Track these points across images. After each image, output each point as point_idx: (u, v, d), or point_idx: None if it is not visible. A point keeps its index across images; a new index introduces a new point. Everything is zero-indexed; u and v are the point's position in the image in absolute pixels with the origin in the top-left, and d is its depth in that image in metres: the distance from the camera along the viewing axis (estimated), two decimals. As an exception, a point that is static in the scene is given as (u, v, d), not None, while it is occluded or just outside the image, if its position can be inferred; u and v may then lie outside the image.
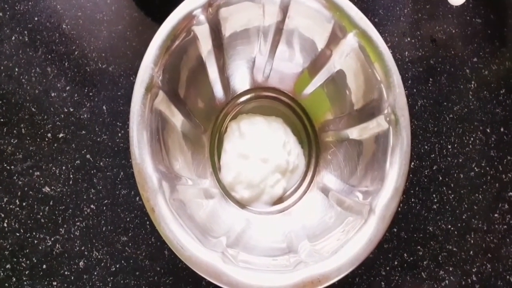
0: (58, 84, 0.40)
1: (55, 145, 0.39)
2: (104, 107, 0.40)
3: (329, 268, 0.28)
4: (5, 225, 0.38)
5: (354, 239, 0.29)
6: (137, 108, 0.30)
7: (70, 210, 0.38)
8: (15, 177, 0.38)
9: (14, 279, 0.37)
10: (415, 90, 0.42)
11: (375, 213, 0.30)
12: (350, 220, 0.32)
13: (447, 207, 0.40)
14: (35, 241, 0.37)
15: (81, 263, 0.37)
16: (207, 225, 0.33)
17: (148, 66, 0.31)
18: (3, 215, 0.38)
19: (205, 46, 0.34)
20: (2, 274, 0.37)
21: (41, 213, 0.38)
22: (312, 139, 0.40)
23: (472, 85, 0.43)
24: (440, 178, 0.41)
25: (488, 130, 0.42)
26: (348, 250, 0.29)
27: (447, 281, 0.40)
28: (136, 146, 0.29)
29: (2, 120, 0.39)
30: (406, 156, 0.32)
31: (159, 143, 0.31)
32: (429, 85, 0.42)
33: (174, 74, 0.33)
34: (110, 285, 0.37)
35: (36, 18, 0.41)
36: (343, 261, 0.29)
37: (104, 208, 0.38)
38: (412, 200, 0.40)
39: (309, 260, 0.29)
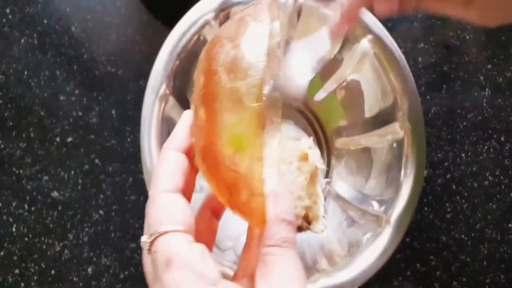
0: (67, 87, 0.40)
1: (64, 149, 0.39)
2: (113, 112, 0.39)
3: (344, 279, 0.28)
4: (14, 229, 0.37)
5: (368, 250, 0.29)
6: (148, 115, 0.30)
7: (79, 216, 0.38)
8: (23, 181, 0.38)
9: (23, 284, 0.37)
10: (428, 97, 0.41)
11: (390, 223, 0.30)
12: (364, 230, 0.31)
13: (461, 216, 0.40)
14: (44, 247, 0.37)
15: (89, 269, 0.37)
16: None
17: (159, 73, 0.31)
18: (11, 220, 0.37)
19: (217, 51, 0.33)
20: (10, 279, 0.37)
21: (49, 218, 0.37)
22: (323, 146, 0.39)
23: (486, 92, 0.42)
24: (454, 187, 0.40)
25: (503, 139, 0.41)
26: (363, 261, 0.29)
27: (459, 291, 0.39)
28: (147, 154, 0.29)
29: (11, 123, 0.39)
30: (421, 166, 0.31)
31: (170, 151, 0.31)
32: (443, 92, 0.42)
33: (185, 80, 0.33)
34: (118, 291, 0.37)
35: (45, 21, 0.41)
36: (358, 272, 0.28)
37: (113, 213, 0.38)
38: (425, 209, 0.40)
39: (323, 270, 0.29)
